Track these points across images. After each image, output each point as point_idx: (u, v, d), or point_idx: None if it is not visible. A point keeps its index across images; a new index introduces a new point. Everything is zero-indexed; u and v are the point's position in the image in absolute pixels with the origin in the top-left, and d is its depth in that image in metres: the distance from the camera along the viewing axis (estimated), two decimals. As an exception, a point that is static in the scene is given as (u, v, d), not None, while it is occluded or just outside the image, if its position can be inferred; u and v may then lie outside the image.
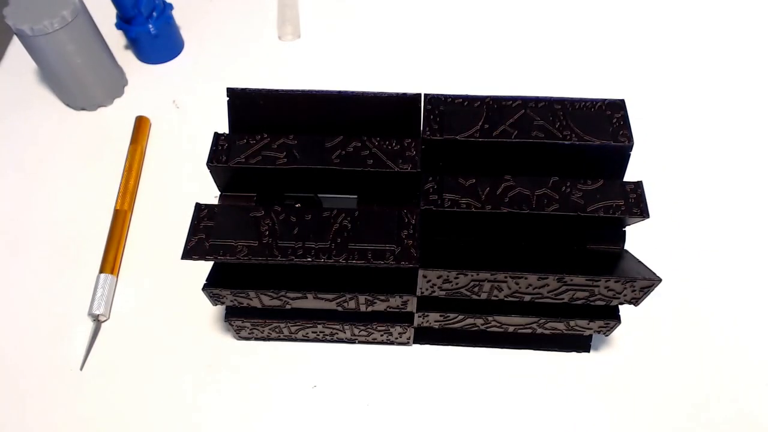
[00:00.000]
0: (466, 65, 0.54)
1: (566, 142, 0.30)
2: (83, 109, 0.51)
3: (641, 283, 0.29)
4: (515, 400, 0.37)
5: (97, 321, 0.39)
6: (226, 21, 0.58)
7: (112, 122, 0.50)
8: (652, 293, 0.30)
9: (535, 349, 0.38)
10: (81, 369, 0.38)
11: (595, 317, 0.33)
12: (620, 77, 0.54)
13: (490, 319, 0.34)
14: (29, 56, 0.47)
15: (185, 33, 0.56)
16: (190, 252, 0.29)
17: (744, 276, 0.42)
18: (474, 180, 0.30)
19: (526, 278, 0.29)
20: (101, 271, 0.41)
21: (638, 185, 0.30)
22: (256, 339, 0.39)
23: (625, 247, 0.33)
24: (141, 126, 0.49)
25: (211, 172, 0.32)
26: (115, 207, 0.44)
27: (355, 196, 0.34)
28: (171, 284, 0.41)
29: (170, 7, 0.52)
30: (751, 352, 0.38)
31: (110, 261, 0.41)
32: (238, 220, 0.30)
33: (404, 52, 0.56)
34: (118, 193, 0.45)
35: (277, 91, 0.32)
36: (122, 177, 0.46)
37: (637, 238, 0.35)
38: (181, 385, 0.37)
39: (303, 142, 0.31)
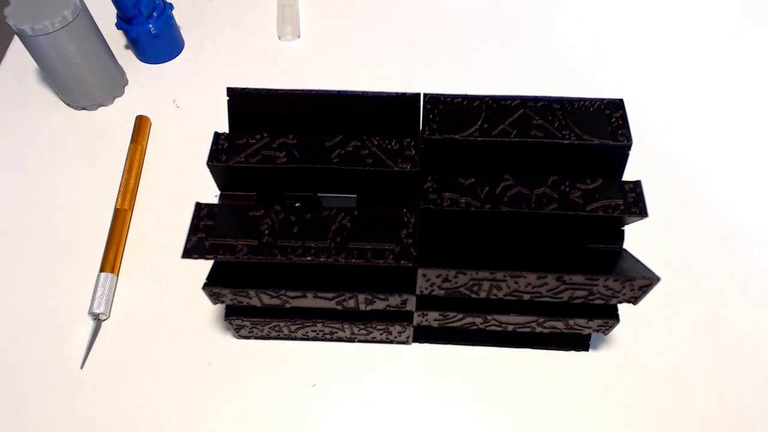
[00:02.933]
0: (466, 65, 0.55)
1: (565, 142, 0.31)
2: (84, 108, 0.51)
3: (640, 282, 0.29)
4: (514, 399, 0.37)
5: (98, 320, 0.39)
6: (226, 21, 0.58)
7: (113, 122, 0.51)
8: (651, 292, 0.30)
9: (534, 348, 0.39)
10: (81, 368, 0.38)
11: (594, 316, 0.33)
12: (619, 77, 0.54)
13: (489, 318, 0.34)
14: (30, 56, 0.47)
15: (185, 33, 0.57)
16: (190, 251, 0.29)
17: (743, 275, 0.42)
18: (473, 179, 0.30)
19: (525, 277, 0.29)
20: (101, 270, 0.41)
21: (637, 184, 0.30)
22: (256, 338, 0.39)
23: (624, 246, 0.33)
24: (141, 125, 0.49)
25: (211, 171, 0.32)
26: (115, 206, 0.44)
27: (355, 196, 0.34)
28: (171, 283, 0.41)
29: (170, 7, 0.53)
30: (749, 351, 0.39)
31: (110, 260, 0.41)
32: (237, 220, 0.30)
33: (404, 52, 0.56)
34: (119, 192, 0.45)
35: (277, 90, 0.32)
36: (122, 176, 0.46)
37: (636, 237, 0.35)
38: (180, 384, 0.38)
39: (303, 142, 0.31)
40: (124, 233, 0.43)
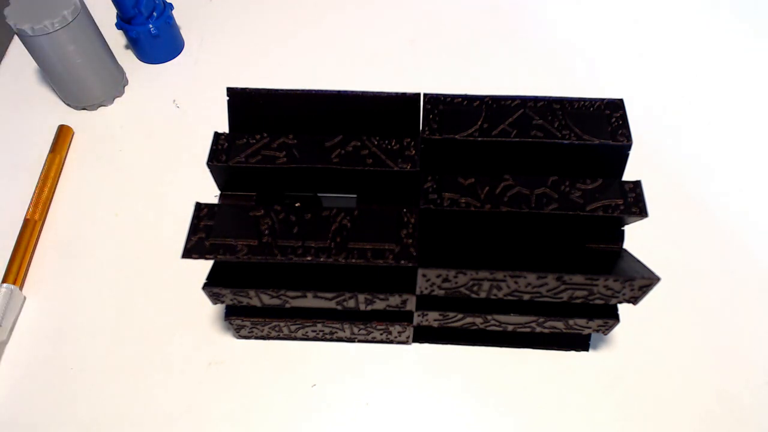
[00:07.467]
0: (466, 65, 0.55)
1: (565, 142, 0.30)
2: (84, 108, 0.51)
3: (640, 282, 0.29)
4: (514, 399, 0.37)
5: None
6: (226, 21, 0.58)
7: (113, 122, 0.51)
8: (651, 292, 0.30)
9: (534, 348, 0.39)
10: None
11: (594, 316, 0.33)
12: (619, 77, 0.54)
13: (489, 318, 0.34)
14: (30, 56, 0.47)
15: (185, 33, 0.57)
16: (190, 251, 0.29)
17: (743, 275, 0.42)
18: (473, 179, 0.30)
19: (525, 277, 0.29)
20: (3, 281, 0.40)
21: (637, 184, 0.30)
22: (256, 338, 0.39)
23: (624, 246, 0.33)
24: (62, 135, 0.48)
25: (211, 171, 0.32)
26: (25, 216, 0.43)
27: (355, 196, 0.34)
28: (171, 283, 0.41)
29: (170, 7, 0.53)
30: (749, 351, 0.39)
31: (14, 271, 0.40)
32: (237, 220, 0.30)
33: (404, 52, 0.56)
34: (30, 202, 0.44)
35: (276, 90, 0.32)
36: (36, 186, 0.45)
37: (636, 237, 0.35)
38: (180, 384, 0.38)
39: (302, 142, 0.31)
40: (31, 245, 0.42)
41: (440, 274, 0.29)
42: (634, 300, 0.31)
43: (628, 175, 0.31)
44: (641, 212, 0.29)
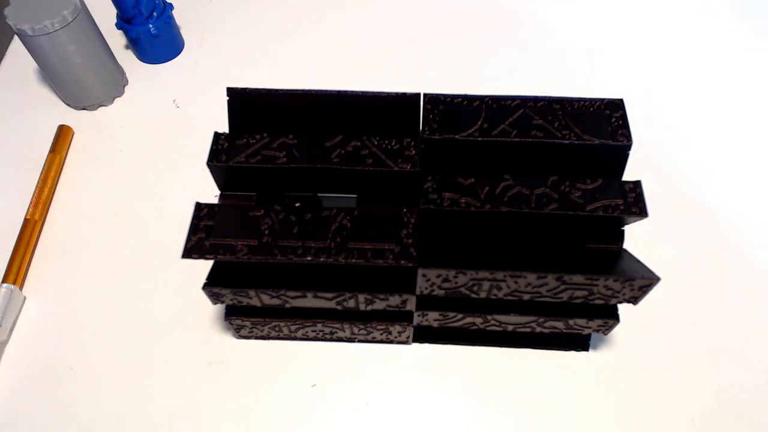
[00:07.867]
0: (466, 65, 0.55)
1: (565, 142, 0.31)
2: (84, 108, 0.51)
3: (640, 282, 0.29)
4: (514, 399, 0.37)
5: None
6: (226, 21, 0.58)
7: (113, 122, 0.51)
8: (651, 292, 0.30)
9: (534, 348, 0.39)
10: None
11: (594, 316, 0.33)
12: (619, 77, 0.54)
13: (489, 318, 0.34)
14: (30, 56, 0.47)
15: (185, 33, 0.57)
16: (190, 251, 0.29)
17: (743, 275, 0.42)
18: (473, 179, 0.30)
19: (525, 277, 0.29)
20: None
21: (637, 184, 0.30)
22: (256, 338, 0.39)
23: (624, 246, 0.33)
24: (62, 135, 0.48)
25: (211, 171, 0.32)
26: (25, 216, 0.43)
27: (355, 196, 0.34)
28: (171, 283, 0.41)
29: (170, 7, 0.53)
30: (749, 351, 0.39)
31: (14, 271, 0.40)
32: (238, 220, 0.30)
33: (404, 52, 0.56)
34: (30, 202, 0.44)
35: (276, 90, 0.32)
36: (36, 186, 0.45)
37: (636, 237, 0.35)
38: (180, 384, 0.38)
39: (303, 142, 0.31)
40: (31, 245, 0.42)
41: (440, 274, 0.29)
42: (634, 300, 0.31)
43: (628, 175, 0.31)
44: (641, 212, 0.29)
